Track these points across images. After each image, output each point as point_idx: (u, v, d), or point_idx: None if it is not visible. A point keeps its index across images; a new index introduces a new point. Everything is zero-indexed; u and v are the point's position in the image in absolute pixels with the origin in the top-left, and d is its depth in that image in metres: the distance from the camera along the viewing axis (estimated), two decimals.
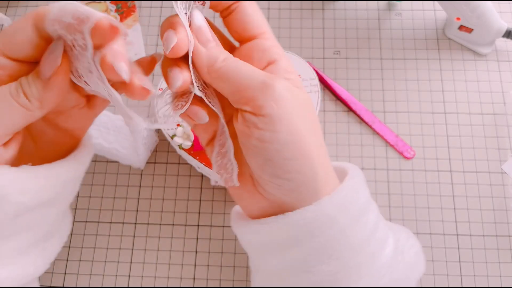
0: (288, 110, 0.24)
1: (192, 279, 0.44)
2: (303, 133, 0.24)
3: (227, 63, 0.24)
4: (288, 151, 0.24)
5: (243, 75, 0.24)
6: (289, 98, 0.24)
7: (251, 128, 0.24)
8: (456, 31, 0.52)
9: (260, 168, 0.25)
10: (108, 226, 0.46)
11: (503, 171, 0.47)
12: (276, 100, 0.23)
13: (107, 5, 0.56)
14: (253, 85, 0.24)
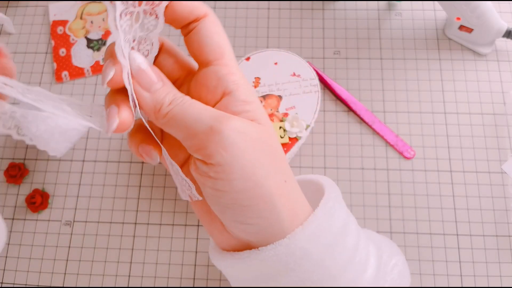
0: (239, 155, 0.22)
1: (192, 279, 0.44)
2: (259, 177, 0.23)
3: (173, 107, 0.23)
4: (244, 198, 0.23)
5: (190, 119, 0.22)
6: (240, 141, 0.22)
7: (203, 176, 0.23)
8: (456, 31, 0.52)
9: (220, 214, 0.24)
10: (108, 226, 0.46)
11: (503, 171, 0.47)
12: (225, 147, 0.22)
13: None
14: (201, 131, 0.22)
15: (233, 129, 0.22)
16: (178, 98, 0.23)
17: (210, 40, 0.24)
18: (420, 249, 0.44)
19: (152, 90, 0.23)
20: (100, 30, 0.55)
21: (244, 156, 0.22)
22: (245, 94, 0.24)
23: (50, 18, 0.56)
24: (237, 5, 0.56)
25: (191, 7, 0.24)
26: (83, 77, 0.53)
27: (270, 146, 0.24)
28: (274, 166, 0.23)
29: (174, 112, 0.23)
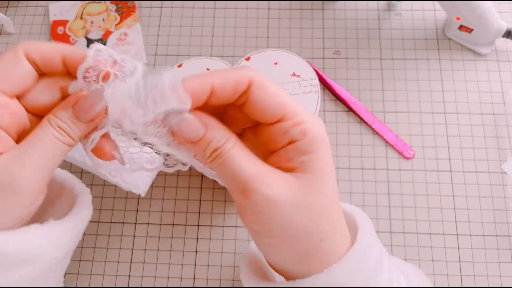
0: (266, 221, 0.23)
1: (192, 279, 0.44)
2: (287, 238, 0.23)
3: (214, 160, 0.23)
4: (275, 250, 0.24)
5: (228, 177, 0.23)
6: (268, 210, 0.23)
7: (242, 214, 0.25)
8: (456, 31, 0.52)
9: (257, 246, 0.26)
10: (108, 226, 0.46)
11: (503, 171, 0.47)
12: (253, 213, 0.23)
13: (107, 5, 0.56)
14: (235, 191, 0.24)
15: (262, 198, 0.23)
16: (218, 151, 0.23)
17: (266, 106, 0.24)
18: (420, 249, 0.44)
19: (195, 139, 0.23)
20: (100, 30, 0.55)
21: (273, 221, 0.23)
22: (306, 144, 0.24)
23: (50, 18, 0.56)
24: (237, 5, 0.56)
25: (231, 88, 0.23)
26: None
27: (306, 207, 0.24)
28: (308, 226, 0.24)
29: (215, 164, 0.23)
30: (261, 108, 0.24)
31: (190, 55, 0.54)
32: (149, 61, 0.54)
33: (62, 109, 0.24)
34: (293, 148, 0.24)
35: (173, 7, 0.56)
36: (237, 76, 0.23)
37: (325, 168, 0.24)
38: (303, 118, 0.24)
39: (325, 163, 0.24)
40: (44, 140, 0.24)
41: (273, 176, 0.23)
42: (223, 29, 0.55)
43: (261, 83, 0.23)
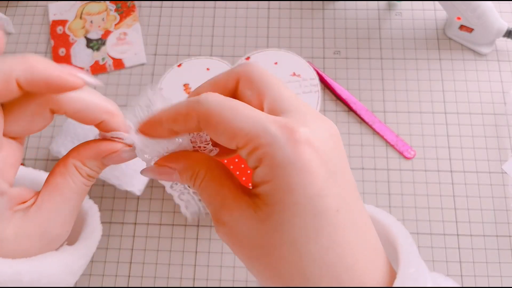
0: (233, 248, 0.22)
1: (192, 279, 0.44)
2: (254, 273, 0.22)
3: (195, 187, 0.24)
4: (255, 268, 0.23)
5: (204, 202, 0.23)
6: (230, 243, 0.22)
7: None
8: (456, 31, 0.52)
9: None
10: (108, 226, 0.46)
11: (503, 171, 0.46)
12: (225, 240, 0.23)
13: (106, 5, 0.56)
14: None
15: (222, 236, 0.22)
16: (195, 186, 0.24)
17: (217, 138, 0.22)
18: (420, 249, 0.44)
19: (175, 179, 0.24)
20: (100, 30, 0.55)
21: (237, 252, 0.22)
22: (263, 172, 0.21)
23: (49, 18, 0.56)
24: (237, 5, 0.56)
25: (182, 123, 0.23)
26: None
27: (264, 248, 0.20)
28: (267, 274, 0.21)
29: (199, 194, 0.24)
30: (214, 139, 0.22)
31: (190, 55, 0.53)
32: (149, 61, 0.53)
33: (93, 159, 0.25)
34: (255, 174, 0.21)
35: (173, 7, 0.56)
36: (185, 110, 0.22)
37: (287, 203, 0.19)
38: (258, 142, 0.20)
39: (288, 196, 0.19)
40: (78, 192, 0.24)
41: (232, 211, 0.21)
42: (223, 28, 0.55)
43: (206, 117, 0.21)
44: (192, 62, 0.50)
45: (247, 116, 0.20)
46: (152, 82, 0.52)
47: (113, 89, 0.52)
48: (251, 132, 0.20)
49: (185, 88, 0.48)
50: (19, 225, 0.23)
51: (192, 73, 0.49)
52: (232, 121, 0.20)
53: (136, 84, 0.52)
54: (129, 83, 0.52)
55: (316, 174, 0.19)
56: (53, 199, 0.24)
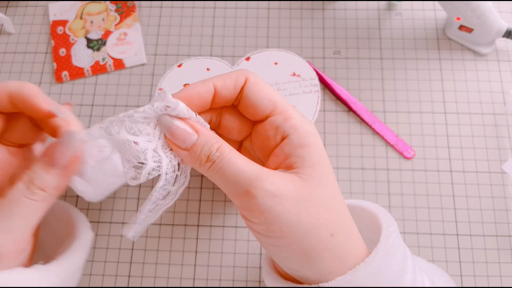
0: (275, 217, 0.23)
1: (192, 279, 0.44)
2: (296, 235, 0.23)
3: (212, 166, 0.24)
4: (283, 251, 0.24)
5: (229, 181, 0.23)
6: (275, 205, 0.23)
7: (246, 220, 0.25)
8: (456, 31, 0.52)
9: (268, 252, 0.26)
10: (108, 226, 0.46)
11: (503, 171, 0.46)
12: (261, 211, 0.23)
13: (106, 5, 0.56)
14: (238, 194, 0.23)
15: (267, 194, 0.23)
16: (214, 155, 0.23)
17: (258, 99, 0.25)
18: (420, 249, 0.44)
19: (188, 145, 0.24)
20: (100, 30, 0.55)
21: (280, 218, 0.23)
22: (300, 137, 0.25)
23: (50, 18, 0.56)
24: (237, 5, 0.56)
25: (231, 86, 0.25)
26: (83, 77, 0.53)
27: (312, 201, 0.24)
28: (316, 221, 0.23)
29: (214, 170, 0.23)
30: (253, 101, 0.25)
31: (190, 55, 0.54)
32: (149, 61, 0.54)
33: (36, 163, 0.25)
34: (288, 143, 0.25)
35: (173, 7, 0.56)
36: (236, 75, 0.26)
37: (322, 161, 0.25)
38: (291, 114, 0.25)
39: (321, 156, 0.25)
40: (22, 206, 0.24)
41: (274, 175, 0.24)
42: (223, 29, 0.55)
43: (255, 80, 0.26)
44: (192, 62, 0.50)
45: (280, 95, 0.26)
46: (152, 82, 0.52)
47: (113, 89, 0.52)
48: (287, 105, 0.25)
49: None
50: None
51: (192, 73, 0.49)
52: (274, 92, 0.26)
53: (136, 84, 0.52)
54: (129, 83, 0.52)
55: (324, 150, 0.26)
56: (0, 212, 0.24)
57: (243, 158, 0.24)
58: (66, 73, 0.53)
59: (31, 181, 0.24)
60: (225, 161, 0.23)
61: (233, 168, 0.23)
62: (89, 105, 0.52)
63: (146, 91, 0.52)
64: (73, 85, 0.53)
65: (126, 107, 0.51)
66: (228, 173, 0.23)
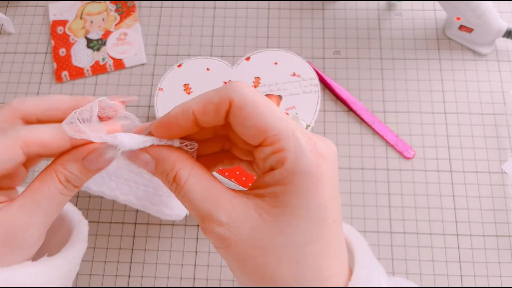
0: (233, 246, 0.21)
1: (192, 279, 0.44)
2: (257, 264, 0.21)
3: (175, 194, 0.23)
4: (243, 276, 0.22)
5: (189, 209, 0.22)
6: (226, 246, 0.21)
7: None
8: (456, 31, 0.52)
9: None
10: (108, 226, 0.46)
11: (503, 171, 0.46)
12: (216, 248, 0.22)
13: (107, 5, 0.56)
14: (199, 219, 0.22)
15: (216, 237, 0.21)
16: (172, 185, 0.22)
17: (245, 129, 0.22)
18: (420, 249, 0.44)
19: (151, 170, 0.23)
20: (100, 30, 0.55)
21: (230, 260, 0.22)
22: (283, 174, 0.21)
23: (50, 18, 0.56)
24: (237, 5, 0.56)
25: (212, 112, 0.22)
26: (83, 77, 0.53)
27: (265, 249, 0.21)
28: (267, 272, 0.21)
29: (179, 198, 0.22)
30: (241, 130, 0.22)
31: (190, 55, 0.54)
32: (149, 61, 0.54)
33: (73, 161, 0.24)
34: (270, 175, 0.21)
35: (173, 7, 0.56)
36: (218, 98, 0.22)
37: (299, 206, 0.21)
38: (284, 145, 0.21)
39: (301, 200, 0.21)
40: (50, 198, 0.24)
41: (228, 211, 0.21)
42: (223, 29, 0.55)
43: (242, 104, 0.21)
44: (192, 62, 0.50)
45: (279, 116, 0.21)
46: (152, 82, 0.52)
47: (113, 90, 0.52)
48: (281, 133, 0.21)
49: (185, 88, 0.48)
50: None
51: (192, 73, 0.49)
52: (265, 116, 0.21)
53: (136, 84, 0.52)
54: (129, 83, 0.52)
55: (326, 187, 0.21)
56: (24, 202, 0.24)
57: (202, 187, 0.22)
58: (66, 73, 0.53)
59: (65, 176, 0.24)
60: (182, 193, 0.22)
61: (189, 201, 0.22)
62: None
63: (146, 91, 0.52)
64: (73, 85, 0.53)
65: (126, 107, 0.51)
66: (186, 205, 0.22)
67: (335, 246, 0.22)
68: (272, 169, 0.21)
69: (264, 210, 0.21)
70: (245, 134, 0.22)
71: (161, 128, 0.23)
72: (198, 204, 0.22)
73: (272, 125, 0.21)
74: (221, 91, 0.22)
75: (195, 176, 0.22)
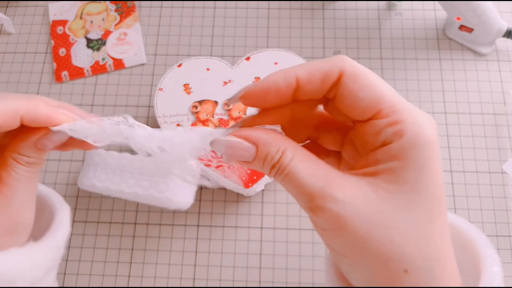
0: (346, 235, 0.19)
1: (192, 279, 0.44)
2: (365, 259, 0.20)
3: (277, 176, 0.21)
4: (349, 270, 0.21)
5: (293, 192, 0.21)
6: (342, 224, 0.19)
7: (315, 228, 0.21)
8: (456, 31, 0.52)
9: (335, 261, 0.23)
10: (108, 226, 0.46)
11: (503, 171, 0.46)
12: (325, 230, 0.20)
13: (106, 5, 0.56)
14: (304, 206, 0.20)
15: (330, 216, 0.19)
16: (276, 166, 0.20)
17: (358, 101, 0.20)
18: None
19: (248, 158, 0.21)
20: (100, 30, 0.55)
21: (343, 241, 0.20)
22: (401, 148, 0.19)
23: (49, 18, 0.56)
24: (237, 5, 0.56)
25: (318, 81, 0.20)
26: (83, 77, 0.53)
27: (387, 227, 0.19)
28: (387, 251, 0.19)
29: (279, 181, 0.21)
30: (352, 102, 0.20)
31: (190, 55, 0.53)
32: (149, 61, 0.53)
33: (26, 146, 0.26)
34: (384, 151, 0.20)
35: (173, 7, 0.56)
36: (326, 67, 0.20)
37: (421, 182, 0.19)
38: (401, 117, 0.20)
39: (422, 176, 0.19)
40: (22, 180, 0.26)
41: (342, 187, 0.20)
42: (223, 29, 0.55)
43: (355, 74, 0.20)
44: (192, 62, 0.50)
45: (392, 89, 0.20)
46: (152, 82, 0.52)
47: (113, 89, 0.52)
48: (397, 105, 0.20)
49: (185, 88, 0.48)
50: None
51: (192, 73, 0.49)
52: (380, 87, 0.20)
53: (136, 84, 0.52)
54: (129, 83, 0.52)
55: (440, 163, 0.20)
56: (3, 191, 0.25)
57: (306, 167, 0.20)
58: (66, 73, 0.53)
59: (24, 160, 0.26)
60: (285, 173, 0.20)
61: (294, 182, 0.20)
62: (89, 105, 0.52)
63: (146, 91, 0.52)
64: (73, 85, 0.53)
65: (126, 107, 0.51)
66: (290, 187, 0.20)
67: (447, 228, 0.21)
68: (384, 144, 0.20)
69: (380, 187, 0.20)
70: (356, 106, 0.20)
71: (256, 94, 0.21)
72: (307, 181, 0.20)
73: (387, 97, 0.20)
74: (330, 61, 0.21)
75: (300, 156, 0.20)
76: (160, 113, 0.47)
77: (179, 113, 0.47)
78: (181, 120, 0.46)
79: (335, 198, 0.19)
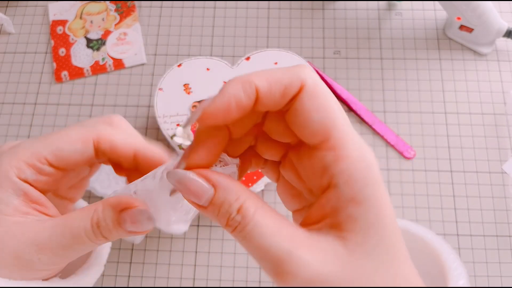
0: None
1: (192, 279, 0.44)
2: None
3: (236, 232, 0.19)
4: None
5: (254, 252, 0.18)
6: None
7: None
8: (456, 30, 0.52)
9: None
10: None
11: (503, 171, 0.46)
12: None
13: (106, 5, 0.56)
14: (267, 270, 0.18)
15: (302, 282, 0.17)
16: (234, 219, 0.18)
17: (309, 122, 0.18)
18: None
19: (204, 202, 0.19)
20: (100, 30, 0.55)
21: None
22: (353, 190, 0.18)
23: (49, 18, 0.56)
24: (237, 5, 0.56)
25: (279, 93, 0.18)
26: (82, 77, 0.53)
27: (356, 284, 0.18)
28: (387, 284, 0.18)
29: (237, 238, 0.19)
30: (304, 122, 0.19)
31: (190, 55, 0.53)
32: (149, 61, 0.53)
33: (111, 207, 0.22)
34: (336, 195, 0.18)
35: (173, 7, 0.56)
36: (287, 78, 0.18)
37: (381, 222, 0.18)
38: (347, 152, 0.18)
39: (380, 214, 0.18)
40: (72, 231, 0.22)
41: (310, 248, 0.18)
42: (223, 28, 0.55)
43: (314, 92, 0.18)
44: (192, 62, 0.50)
45: (344, 115, 0.19)
46: (152, 82, 0.52)
47: (113, 89, 0.52)
48: (346, 135, 0.18)
49: (185, 88, 0.48)
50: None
51: (192, 73, 0.49)
52: (334, 112, 0.18)
53: (136, 84, 0.52)
54: (129, 83, 0.52)
55: (387, 196, 0.19)
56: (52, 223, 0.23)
57: (270, 223, 0.18)
58: (66, 73, 0.53)
59: (98, 224, 0.22)
60: (248, 230, 0.18)
61: (258, 241, 0.18)
62: (89, 105, 0.52)
63: (146, 91, 0.52)
64: (73, 85, 0.53)
65: (126, 107, 0.51)
66: (252, 247, 0.18)
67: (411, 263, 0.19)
68: (332, 185, 0.18)
69: (347, 240, 0.18)
70: (308, 127, 0.19)
71: (215, 113, 0.18)
72: (273, 243, 0.18)
73: (338, 124, 0.18)
74: (291, 72, 0.19)
75: (262, 209, 0.18)
76: (160, 113, 0.47)
77: (179, 113, 0.47)
78: (181, 120, 0.46)
79: (306, 262, 0.17)
